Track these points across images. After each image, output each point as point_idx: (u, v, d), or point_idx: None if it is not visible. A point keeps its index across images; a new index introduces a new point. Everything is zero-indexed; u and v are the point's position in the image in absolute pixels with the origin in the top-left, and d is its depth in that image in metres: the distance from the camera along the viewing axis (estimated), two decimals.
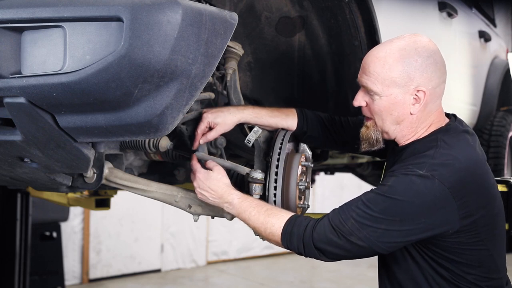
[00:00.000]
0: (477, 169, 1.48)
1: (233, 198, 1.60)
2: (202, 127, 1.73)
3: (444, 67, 1.54)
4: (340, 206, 1.49)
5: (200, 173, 1.64)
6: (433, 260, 1.49)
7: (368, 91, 1.53)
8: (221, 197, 1.61)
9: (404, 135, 1.56)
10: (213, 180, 1.62)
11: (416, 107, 1.50)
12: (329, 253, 1.46)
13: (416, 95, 1.48)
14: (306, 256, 1.51)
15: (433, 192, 1.40)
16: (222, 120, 1.73)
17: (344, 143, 1.88)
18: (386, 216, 1.41)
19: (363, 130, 1.61)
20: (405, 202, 1.40)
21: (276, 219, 1.52)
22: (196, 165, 1.66)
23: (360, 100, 1.57)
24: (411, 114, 1.51)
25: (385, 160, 1.78)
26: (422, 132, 1.55)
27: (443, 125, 1.56)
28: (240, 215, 1.59)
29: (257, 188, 1.67)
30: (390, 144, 1.66)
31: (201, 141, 1.75)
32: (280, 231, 1.51)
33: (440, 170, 1.41)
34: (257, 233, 1.60)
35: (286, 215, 1.53)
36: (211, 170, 1.64)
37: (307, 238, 1.46)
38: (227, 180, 1.63)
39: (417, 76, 1.47)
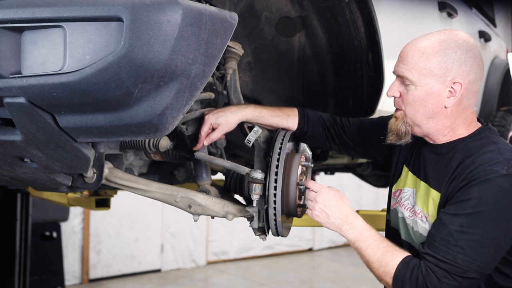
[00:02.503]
0: None
1: (358, 222, 1.55)
2: (205, 129, 1.72)
3: (483, 64, 1.52)
4: (435, 247, 1.41)
5: (329, 190, 1.58)
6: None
7: (404, 81, 1.50)
8: (346, 217, 1.55)
9: (439, 130, 1.52)
10: (341, 200, 1.58)
11: (451, 100, 1.47)
12: None
13: (452, 87, 1.46)
14: None
15: None
16: (224, 120, 1.73)
17: (344, 144, 1.87)
18: (490, 233, 1.36)
19: (392, 121, 1.57)
20: (500, 208, 1.36)
21: (391, 259, 1.46)
22: (316, 183, 1.61)
23: (394, 90, 1.54)
24: (445, 107, 1.48)
25: (393, 161, 1.75)
26: (462, 130, 1.52)
27: (481, 125, 1.55)
28: (357, 242, 1.53)
29: (257, 188, 1.66)
30: (417, 141, 1.62)
31: (205, 143, 1.74)
32: (393, 273, 1.44)
33: None
34: (368, 266, 1.53)
35: (401, 255, 1.46)
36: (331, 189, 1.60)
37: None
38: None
39: (455, 68, 1.45)
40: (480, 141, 1.49)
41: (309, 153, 1.84)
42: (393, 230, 1.69)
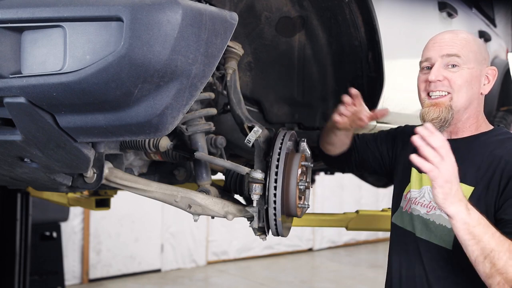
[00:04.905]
0: None
1: (469, 204, 1.33)
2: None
3: None
4: None
5: (451, 155, 1.28)
6: None
7: (451, 61, 1.52)
8: (463, 199, 1.31)
9: (470, 117, 1.55)
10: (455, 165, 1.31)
11: (487, 87, 1.55)
12: None
13: (487, 74, 1.55)
14: None
15: None
16: None
17: (350, 163, 1.90)
18: None
19: (432, 109, 1.53)
20: None
21: None
22: (443, 146, 1.27)
23: (438, 73, 1.52)
24: (481, 94, 1.55)
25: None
26: (483, 125, 1.57)
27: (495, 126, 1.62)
28: (473, 227, 1.28)
29: (257, 188, 1.66)
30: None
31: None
32: None
33: None
34: (487, 257, 1.28)
35: None
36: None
37: None
38: None
39: (487, 57, 1.55)
40: (504, 135, 1.54)
41: (309, 153, 1.84)
42: (403, 231, 1.68)
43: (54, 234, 5.50)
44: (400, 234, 1.68)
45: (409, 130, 1.79)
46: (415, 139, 1.27)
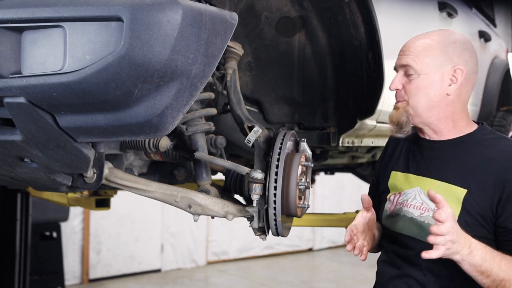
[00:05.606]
0: None
1: (473, 240, 1.37)
2: None
3: (477, 60, 1.59)
4: None
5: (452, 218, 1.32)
6: None
7: (407, 70, 1.55)
8: (466, 239, 1.36)
9: (440, 119, 1.56)
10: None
11: (452, 87, 1.53)
12: None
13: (453, 75, 1.53)
14: None
15: None
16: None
17: None
18: None
19: (392, 112, 1.61)
20: None
21: None
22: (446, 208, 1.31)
23: (397, 83, 1.58)
24: (447, 95, 1.54)
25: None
26: (464, 127, 1.57)
27: (479, 124, 1.61)
28: (479, 266, 1.36)
29: (257, 188, 1.66)
30: (407, 143, 1.65)
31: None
32: None
33: None
34: (499, 285, 1.38)
35: None
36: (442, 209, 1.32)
37: None
38: None
39: (455, 57, 1.53)
40: (491, 135, 1.55)
41: (309, 153, 1.84)
42: (388, 232, 1.67)
43: (54, 234, 5.50)
44: (389, 236, 1.67)
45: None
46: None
